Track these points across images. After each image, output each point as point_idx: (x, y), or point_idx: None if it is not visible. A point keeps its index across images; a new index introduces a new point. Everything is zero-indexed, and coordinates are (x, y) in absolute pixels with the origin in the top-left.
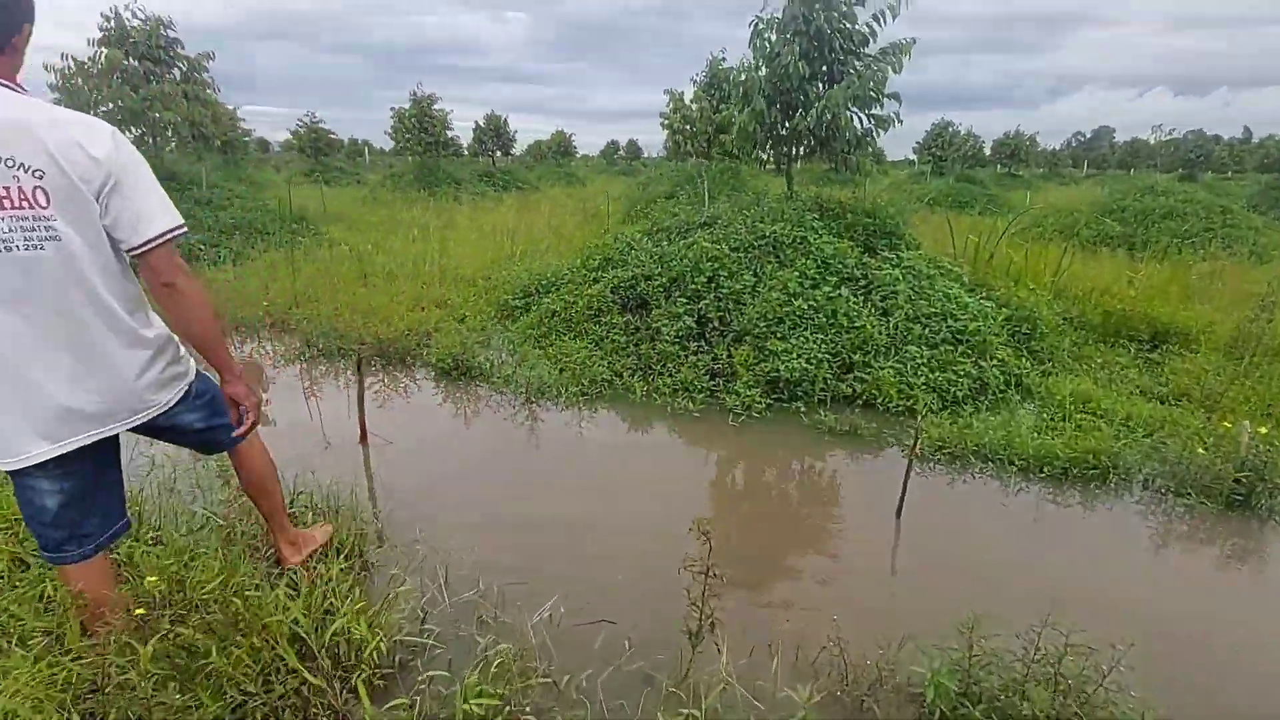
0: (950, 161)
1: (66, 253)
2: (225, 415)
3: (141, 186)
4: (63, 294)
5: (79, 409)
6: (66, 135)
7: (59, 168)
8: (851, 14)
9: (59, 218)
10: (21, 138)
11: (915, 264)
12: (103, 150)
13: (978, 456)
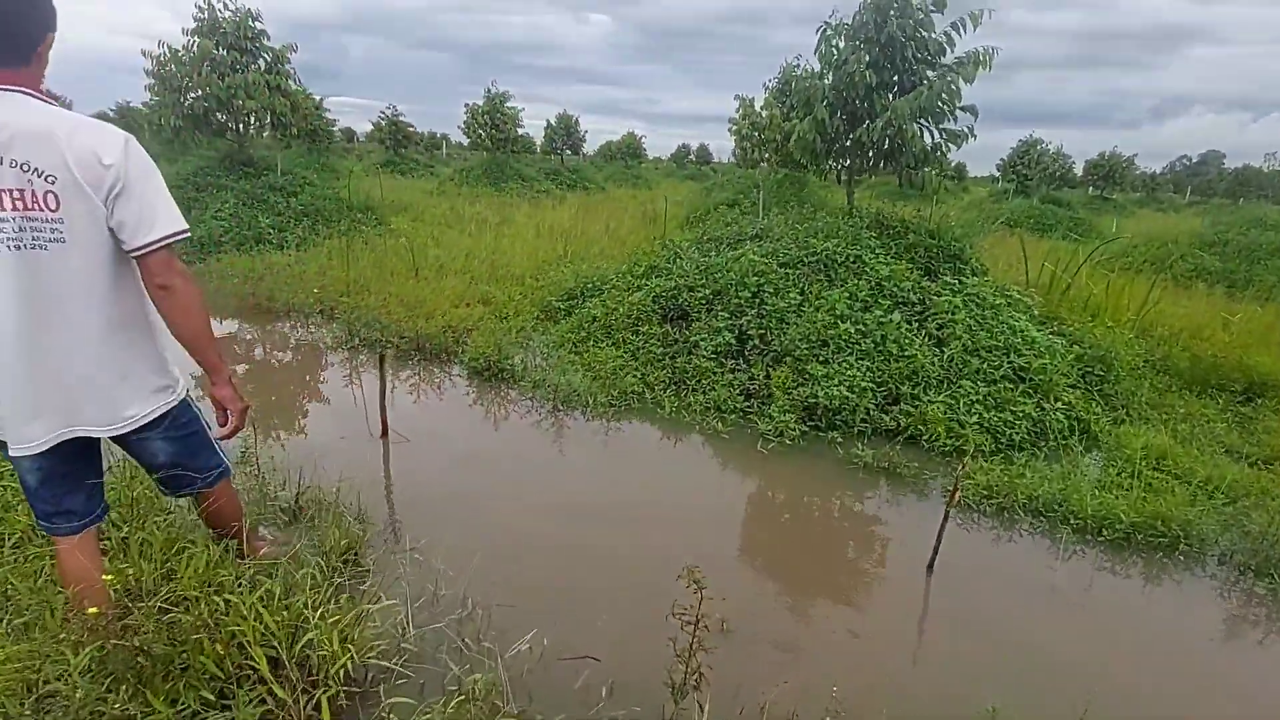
0: (1035, 181)
1: (68, 254)
2: (204, 462)
3: (147, 192)
4: (58, 293)
5: (56, 407)
6: (83, 143)
7: (71, 174)
8: (928, 22)
9: (65, 220)
10: (42, 145)
11: (979, 291)
12: (113, 157)
13: (1028, 510)
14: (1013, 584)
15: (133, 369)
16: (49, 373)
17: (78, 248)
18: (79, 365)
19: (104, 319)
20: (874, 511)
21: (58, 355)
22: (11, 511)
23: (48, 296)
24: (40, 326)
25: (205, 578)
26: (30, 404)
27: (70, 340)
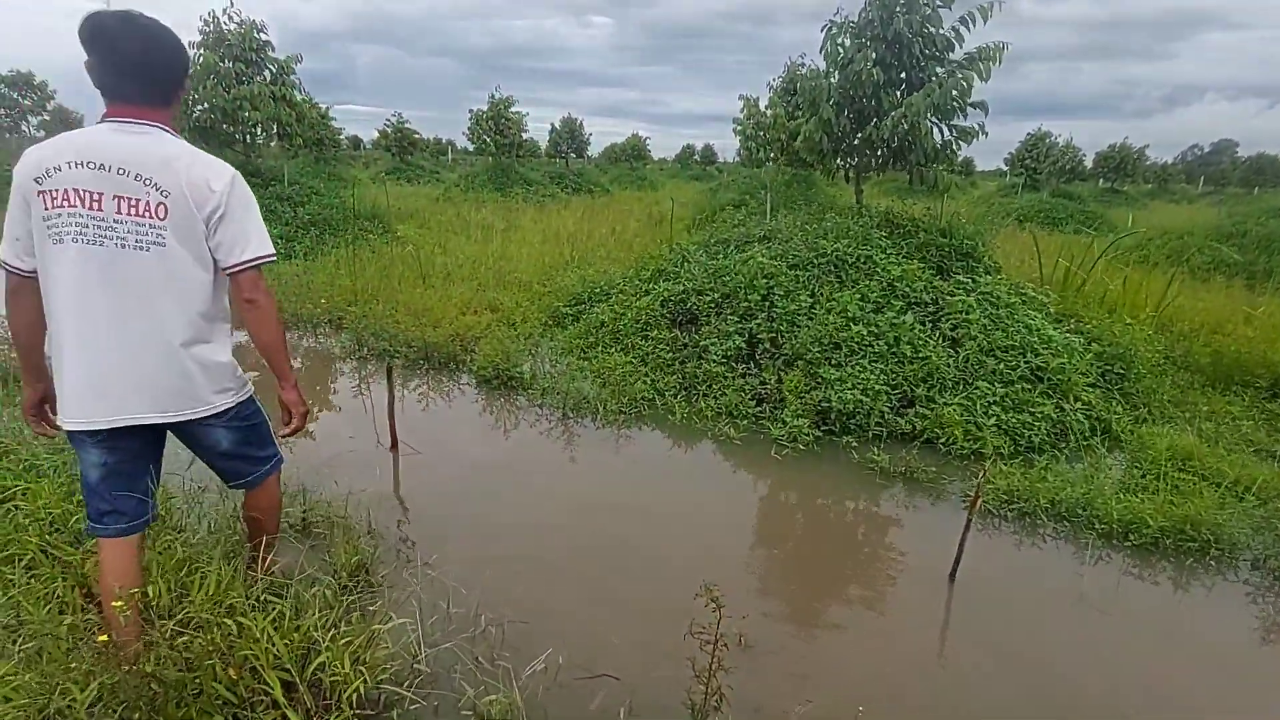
0: (1045, 174)
1: (166, 257)
2: (260, 452)
3: (245, 218)
4: (153, 290)
5: (135, 392)
6: (199, 172)
7: (183, 193)
8: (936, 17)
9: (169, 230)
10: (165, 167)
11: (993, 290)
12: (220, 186)
13: (1051, 515)
14: (1038, 592)
15: (208, 366)
16: (131, 358)
17: (174, 253)
18: (160, 355)
19: (188, 318)
20: (892, 518)
21: (142, 343)
22: (23, 533)
23: (142, 291)
24: (130, 316)
25: (217, 598)
26: (104, 383)
27: (155, 332)
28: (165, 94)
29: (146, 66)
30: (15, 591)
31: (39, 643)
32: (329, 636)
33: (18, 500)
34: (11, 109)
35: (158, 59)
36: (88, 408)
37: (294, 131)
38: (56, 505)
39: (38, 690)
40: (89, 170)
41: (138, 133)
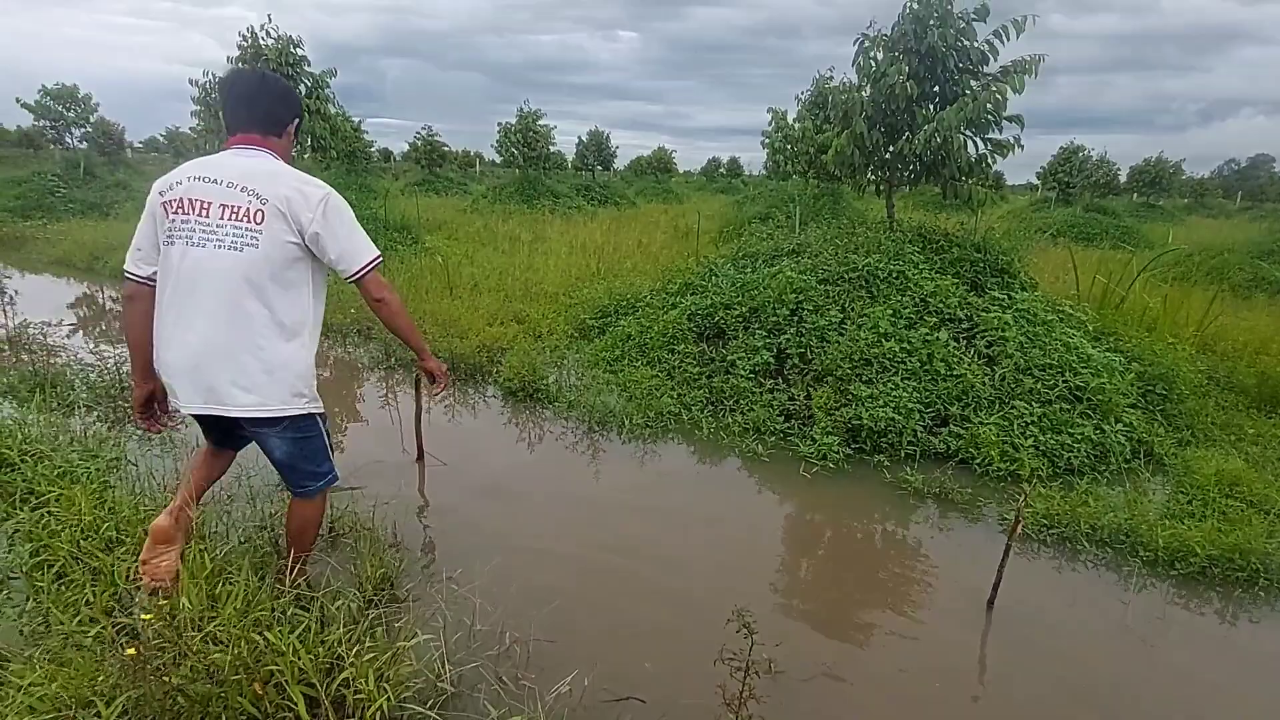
0: (1078, 189)
1: (255, 258)
2: (313, 467)
3: (345, 232)
4: (239, 288)
5: (236, 381)
6: (297, 185)
7: (281, 202)
8: (970, 30)
9: (263, 233)
10: (269, 182)
11: (1030, 306)
12: (317, 197)
13: (1093, 540)
14: (1081, 621)
15: (275, 369)
16: (209, 351)
17: (263, 255)
18: (234, 351)
19: (265, 317)
20: (927, 541)
21: (222, 338)
22: (55, 538)
23: (230, 288)
24: (216, 312)
25: (245, 611)
26: (188, 371)
27: (235, 328)
28: (275, 126)
29: (259, 101)
30: (46, 599)
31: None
32: (353, 652)
33: (51, 506)
34: (56, 121)
35: (268, 95)
36: (178, 392)
37: (328, 144)
38: (89, 512)
39: (63, 702)
40: (204, 183)
41: (249, 155)
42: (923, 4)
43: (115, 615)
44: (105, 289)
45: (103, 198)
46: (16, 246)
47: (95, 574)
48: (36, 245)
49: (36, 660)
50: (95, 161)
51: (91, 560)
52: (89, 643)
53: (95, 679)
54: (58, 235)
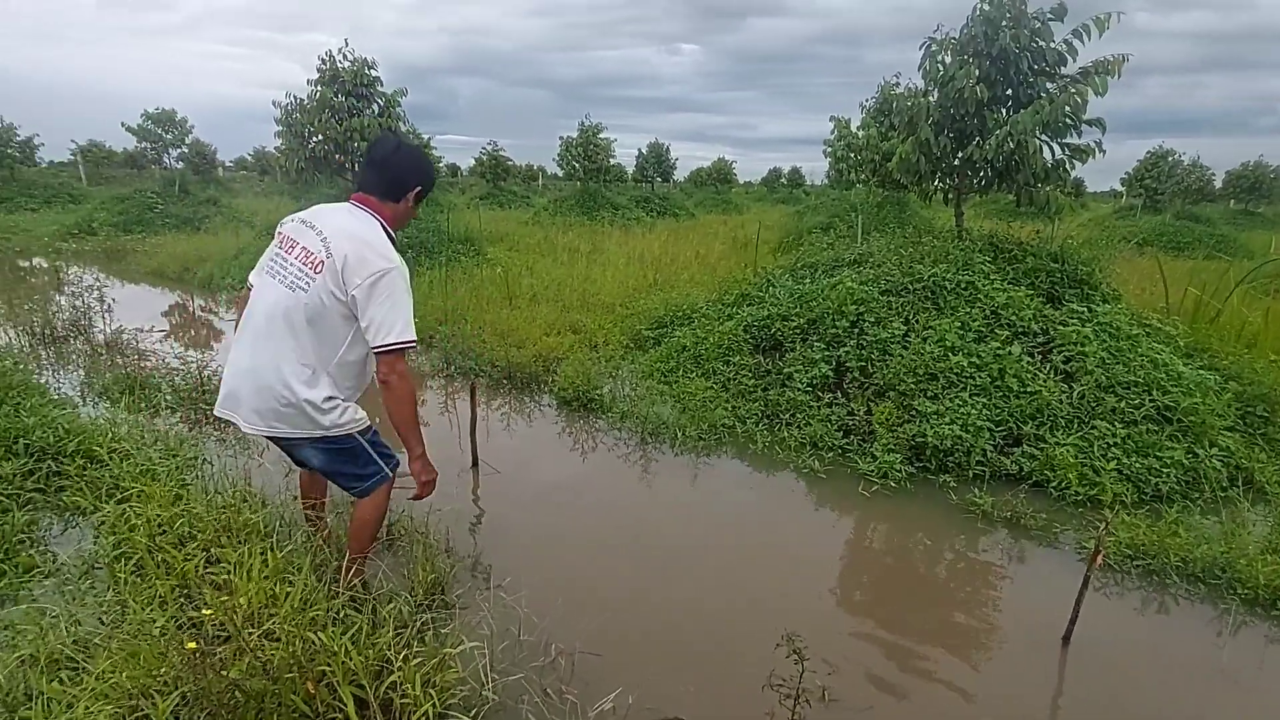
0: (1168, 195)
1: (301, 301)
2: (358, 470)
3: (387, 307)
4: (287, 325)
5: (262, 405)
6: (367, 252)
7: (343, 261)
8: (1046, 31)
9: (317, 282)
10: (345, 238)
11: (1112, 320)
12: (377, 268)
13: (1184, 574)
14: (1169, 662)
15: (299, 402)
16: (252, 373)
17: (312, 302)
18: (267, 378)
19: (300, 356)
20: (996, 567)
21: (264, 364)
22: (134, 532)
23: (282, 323)
24: (267, 340)
25: (301, 610)
26: (233, 387)
27: (275, 358)
28: (397, 191)
29: (387, 168)
30: (124, 590)
31: (135, 644)
32: (401, 656)
33: (133, 502)
34: (156, 143)
35: (398, 164)
36: (224, 402)
37: None
38: (166, 508)
39: (129, 691)
40: (304, 226)
41: (353, 212)
42: (994, 5)
43: (183, 609)
44: (194, 298)
45: (195, 213)
46: (118, 258)
47: (168, 568)
48: (135, 257)
49: (111, 649)
50: (189, 180)
51: (164, 554)
52: (156, 633)
53: (159, 670)
54: (154, 248)
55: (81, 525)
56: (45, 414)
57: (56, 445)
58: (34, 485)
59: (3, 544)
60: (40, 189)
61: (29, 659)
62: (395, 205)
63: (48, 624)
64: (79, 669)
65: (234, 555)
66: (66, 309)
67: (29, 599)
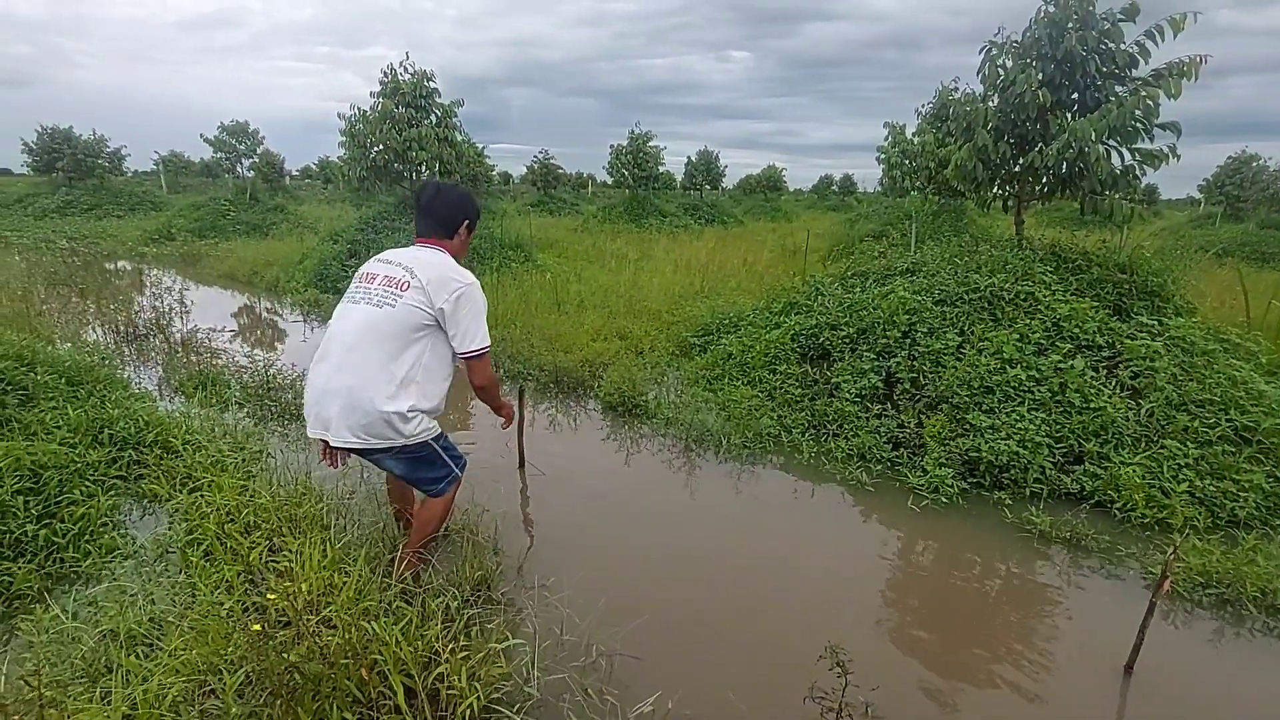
0: (1251, 202)
1: (389, 314)
2: (431, 474)
3: (468, 319)
4: (372, 338)
5: (352, 421)
6: (446, 274)
7: (428, 280)
8: (1116, 32)
9: (403, 298)
10: (423, 265)
11: (1185, 334)
12: (454, 287)
13: (1262, 606)
14: (1241, 697)
15: (381, 414)
16: (341, 392)
17: (398, 315)
18: (354, 392)
19: (385, 367)
20: (1054, 589)
21: (348, 379)
22: (205, 520)
23: (366, 337)
24: (351, 355)
25: (356, 600)
26: (317, 403)
27: (360, 368)
28: (448, 229)
29: (434, 210)
30: (195, 573)
31: (204, 624)
32: (448, 649)
33: (204, 491)
34: (230, 153)
35: (442, 204)
36: (314, 424)
37: (453, 169)
38: (233, 498)
39: (199, 669)
40: (382, 263)
41: (424, 249)
42: (1060, 6)
43: (247, 593)
44: (261, 300)
45: (263, 220)
46: (193, 262)
47: (235, 554)
48: (209, 261)
49: (183, 628)
50: (259, 188)
51: (231, 541)
52: (222, 615)
53: (225, 649)
54: (226, 252)
55: (158, 511)
56: (128, 406)
57: (137, 436)
58: (116, 473)
59: (88, 526)
60: (126, 197)
61: (110, 634)
62: (451, 241)
63: (127, 602)
64: (153, 645)
65: (295, 544)
66: (147, 309)
67: (110, 578)
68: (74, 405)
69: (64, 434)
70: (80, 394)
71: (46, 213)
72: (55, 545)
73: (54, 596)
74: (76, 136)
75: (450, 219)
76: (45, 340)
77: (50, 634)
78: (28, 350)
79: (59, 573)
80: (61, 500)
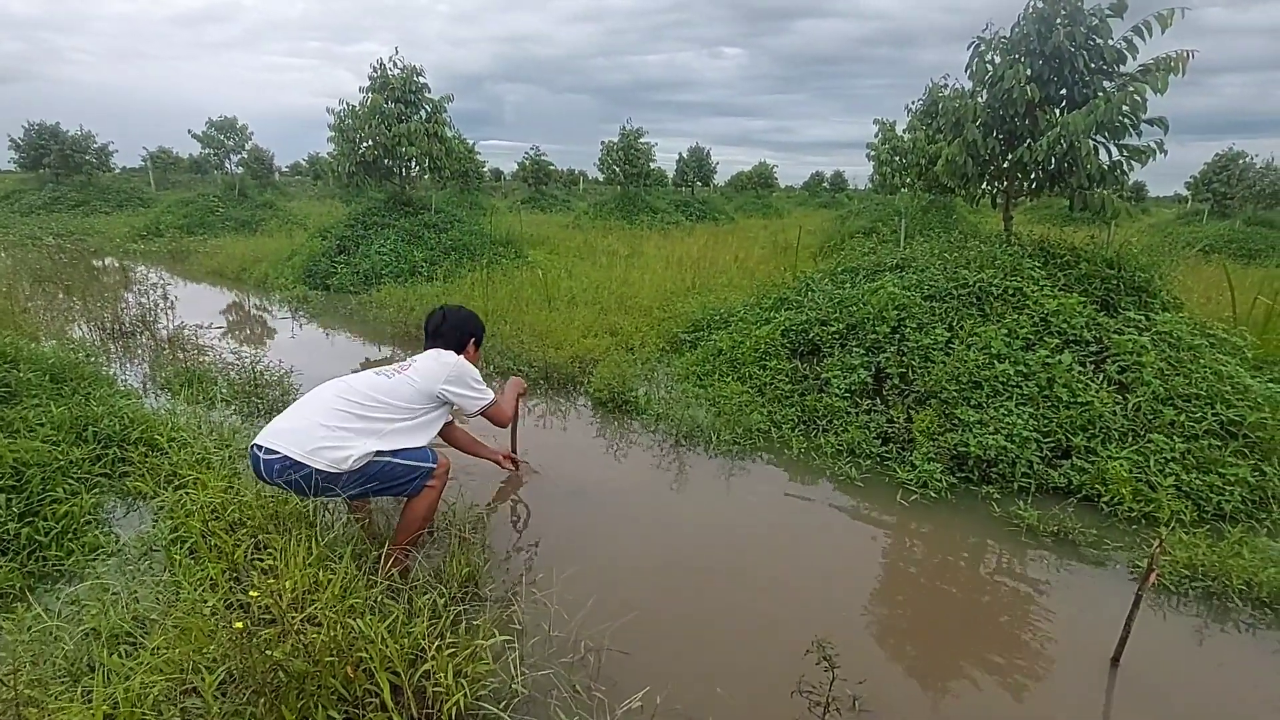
0: (1238, 200)
1: (393, 387)
2: (401, 480)
3: (464, 390)
4: (362, 396)
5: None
6: (434, 369)
7: (420, 369)
8: (1104, 28)
9: (400, 378)
10: (423, 363)
11: (1172, 329)
12: (442, 374)
13: (1248, 599)
14: (1227, 690)
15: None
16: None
17: (392, 384)
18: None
19: (348, 421)
20: (1041, 583)
21: (307, 422)
22: (190, 518)
23: (353, 394)
24: (320, 406)
25: (341, 597)
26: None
27: (321, 417)
28: (456, 346)
29: (440, 333)
30: (179, 571)
31: (187, 622)
32: (435, 645)
33: (189, 488)
34: (219, 149)
35: (448, 326)
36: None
37: (443, 165)
38: (218, 496)
39: (180, 666)
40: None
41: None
42: (1048, 2)
43: (231, 591)
44: (250, 297)
45: (253, 216)
46: (181, 258)
47: (219, 552)
48: (197, 258)
49: (165, 627)
50: (248, 184)
51: (215, 539)
52: (206, 613)
53: (208, 647)
54: (214, 249)
55: (142, 509)
56: (113, 404)
57: (122, 433)
58: (100, 470)
59: (72, 524)
60: (114, 193)
61: (92, 632)
62: (460, 356)
63: (110, 601)
64: (136, 644)
65: (280, 542)
66: (134, 306)
67: (93, 576)
68: (58, 402)
69: (47, 431)
70: (64, 391)
71: (33, 209)
72: (38, 543)
73: (36, 595)
74: (64, 132)
75: (457, 338)
76: (30, 337)
77: (31, 633)
78: (11, 347)
79: (41, 571)
80: (44, 498)
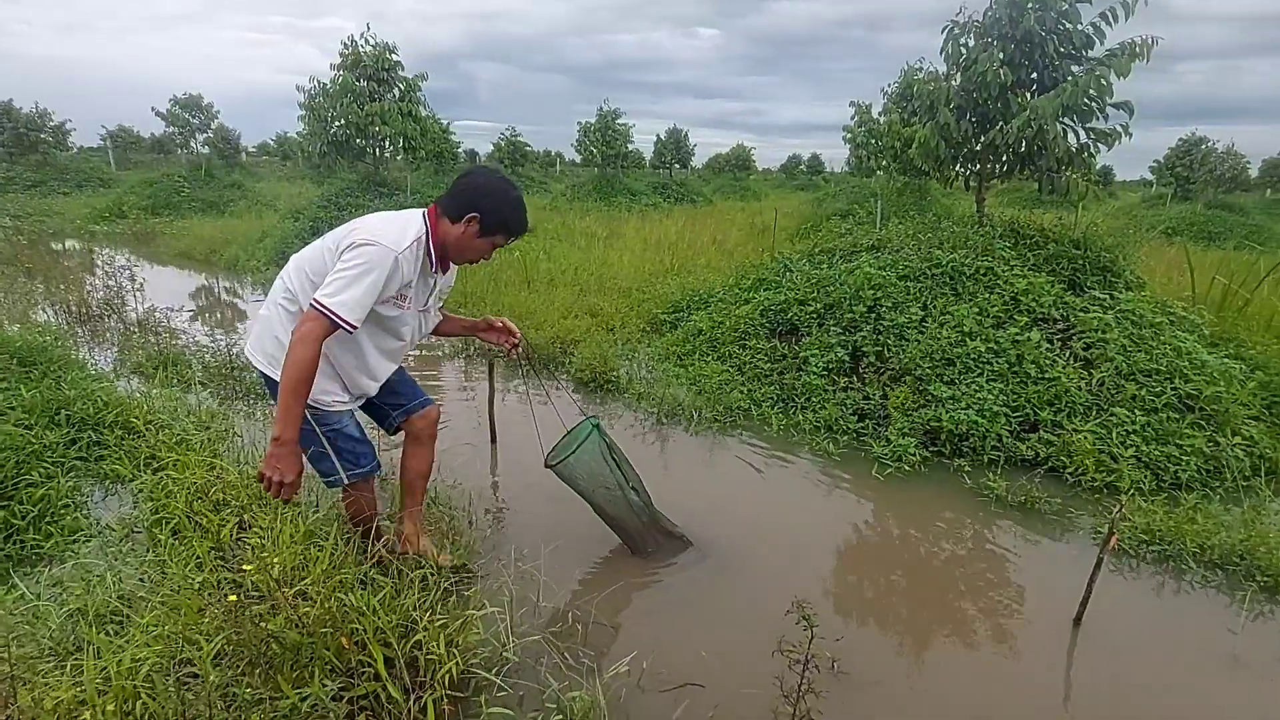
0: (1200, 184)
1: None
2: (318, 469)
3: (340, 274)
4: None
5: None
6: (363, 224)
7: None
8: (1073, 13)
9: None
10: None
11: (1135, 307)
12: (354, 239)
13: (1201, 561)
14: (1182, 647)
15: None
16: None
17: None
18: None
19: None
20: (1009, 550)
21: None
22: (172, 499)
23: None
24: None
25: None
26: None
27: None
28: (454, 211)
29: (452, 190)
30: (164, 551)
31: (176, 598)
32: (426, 617)
33: (169, 470)
34: (183, 128)
35: (462, 183)
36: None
37: (418, 145)
38: (200, 476)
39: (173, 640)
40: None
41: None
42: None
43: (218, 570)
44: (220, 279)
45: (220, 197)
46: (147, 240)
47: (204, 531)
48: (164, 239)
49: (155, 603)
50: (215, 164)
51: (201, 519)
52: (196, 588)
53: (200, 621)
54: (181, 231)
55: (121, 492)
56: (85, 387)
57: (96, 416)
58: (76, 454)
59: (49, 508)
60: (72, 173)
61: (77, 612)
62: (451, 225)
63: (94, 581)
64: (124, 623)
65: (265, 520)
66: (100, 289)
67: (74, 558)
68: (27, 386)
69: (19, 415)
70: (34, 375)
71: None
72: (15, 527)
73: (16, 578)
74: (17, 110)
75: (462, 200)
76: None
77: (16, 613)
78: None
79: (20, 554)
80: (19, 482)
